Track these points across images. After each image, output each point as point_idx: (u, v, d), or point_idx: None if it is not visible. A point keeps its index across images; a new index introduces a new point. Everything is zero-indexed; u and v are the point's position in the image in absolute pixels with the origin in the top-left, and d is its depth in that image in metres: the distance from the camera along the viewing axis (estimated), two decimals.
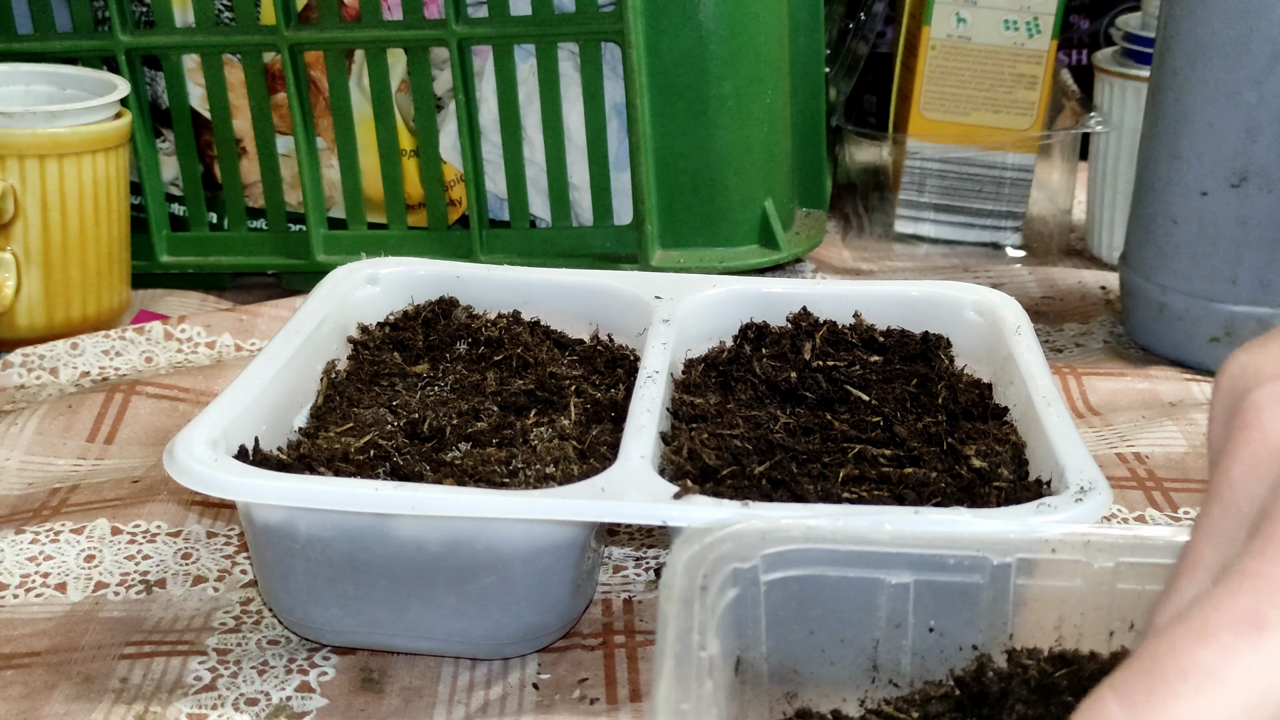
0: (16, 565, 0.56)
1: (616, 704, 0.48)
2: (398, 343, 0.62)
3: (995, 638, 0.41)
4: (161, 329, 0.78)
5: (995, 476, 0.52)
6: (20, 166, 0.75)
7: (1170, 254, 0.74)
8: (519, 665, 0.50)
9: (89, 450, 0.66)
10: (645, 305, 0.63)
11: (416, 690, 0.49)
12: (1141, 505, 0.61)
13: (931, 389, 0.58)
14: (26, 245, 0.76)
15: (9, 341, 0.78)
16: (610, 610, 0.54)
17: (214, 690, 0.49)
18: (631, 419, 0.52)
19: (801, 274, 0.90)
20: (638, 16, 0.79)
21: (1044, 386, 0.55)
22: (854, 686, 0.42)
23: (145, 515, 0.60)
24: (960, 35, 0.89)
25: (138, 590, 0.55)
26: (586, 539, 0.49)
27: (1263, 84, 0.69)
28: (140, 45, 0.84)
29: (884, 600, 0.40)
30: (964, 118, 0.91)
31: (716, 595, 0.37)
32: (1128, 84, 0.88)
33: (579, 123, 0.83)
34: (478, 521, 0.47)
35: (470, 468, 0.51)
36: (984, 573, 0.40)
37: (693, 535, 0.38)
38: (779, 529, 0.39)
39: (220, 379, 0.72)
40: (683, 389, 0.58)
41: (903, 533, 0.40)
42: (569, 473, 0.51)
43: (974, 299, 0.63)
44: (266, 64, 0.84)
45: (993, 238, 0.94)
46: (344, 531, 0.47)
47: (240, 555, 0.57)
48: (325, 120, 0.86)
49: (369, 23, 0.82)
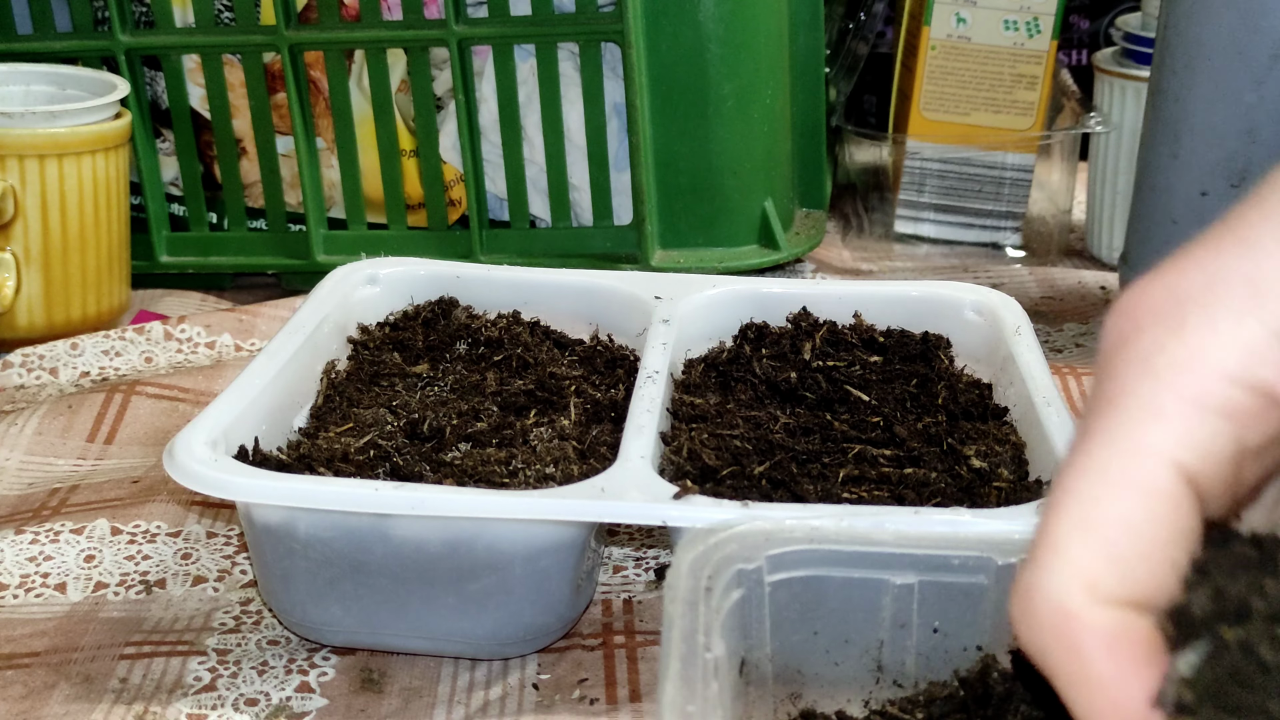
0: (16, 565, 0.56)
1: (616, 704, 0.48)
2: (398, 343, 0.62)
3: (1000, 638, 0.41)
4: (161, 329, 0.78)
5: (995, 476, 0.51)
6: (20, 166, 0.75)
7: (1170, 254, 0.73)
8: (519, 665, 0.50)
9: (89, 450, 0.66)
10: (645, 305, 0.63)
11: (416, 690, 0.49)
12: None
13: (931, 389, 0.58)
14: (26, 245, 0.76)
15: (9, 341, 0.78)
16: (610, 610, 0.54)
17: (214, 690, 0.49)
18: (631, 419, 0.52)
19: (801, 274, 0.90)
20: (638, 16, 0.79)
21: (1044, 386, 0.55)
22: (858, 687, 0.42)
23: (145, 515, 0.60)
24: (960, 35, 0.89)
25: (138, 590, 0.55)
26: (586, 539, 0.49)
27: (1263, 84, 0.69)
28: (140, 45, 0.84)
29: (888, 601, 0.40)
30: (964, 118, 0.91)
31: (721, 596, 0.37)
32: (1128, 84, 0.88)
33: (579, 123, 0.83)
34: (478, 522, 0.46)
35: (470, 468, 0.51)
36: (988, 573, 0.40)
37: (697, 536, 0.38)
38: (783, 530, 0.39)
39: (220, 379, 0.72)
40: (683, 389, 0.58)
41: (907, 533, 0.40)
42: (569, 473, 0.51)
43: (974, 299, 0.63)
44: (266, 64, 0.84)
45: (992, 238, 0.94)
46: (344, 531, 0.47)
47: (240, 555, 0.57)
48: (325, 120, 0.85)
49: (369, 23, 0.82)
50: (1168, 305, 0.30)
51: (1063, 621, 0.29)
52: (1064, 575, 0.29)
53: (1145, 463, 0.28)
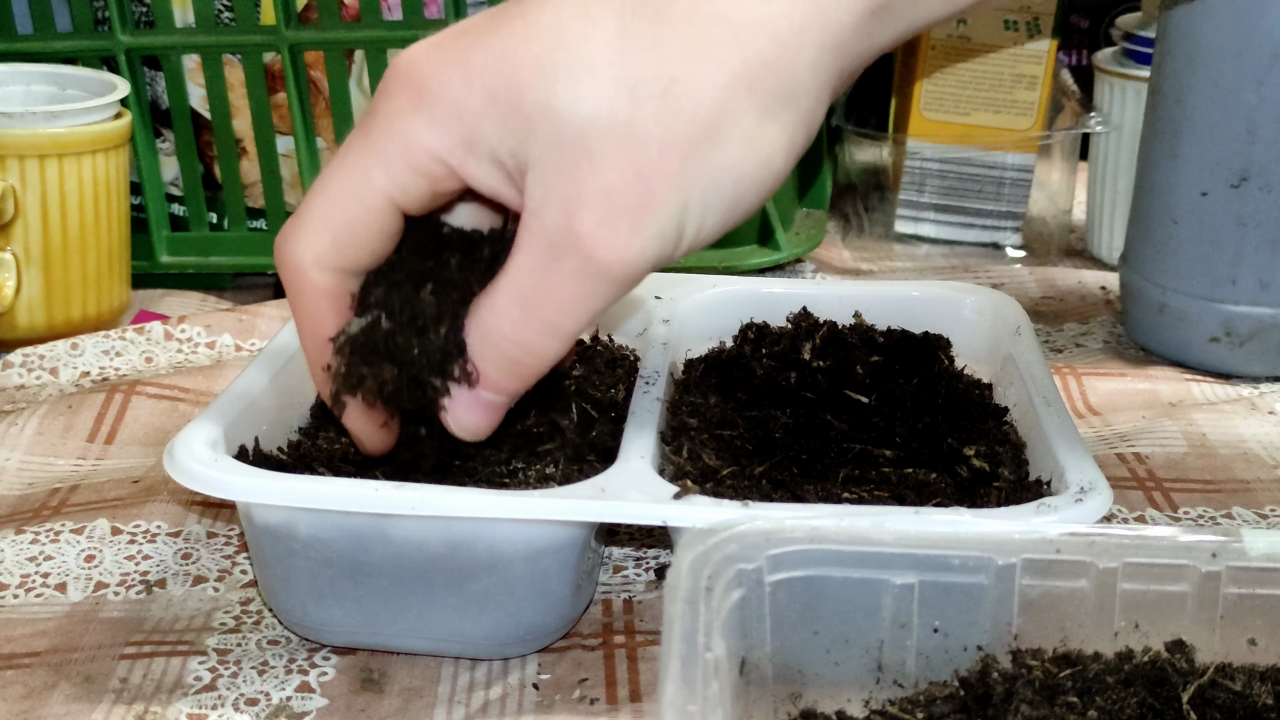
0: (16, 565, 0.56)
1: (616, 704, 0.48)
2: None
3: (999, 638, 0.41)
4: (161, 329, 0.78)
5: (995, 476, 0.52)
6: (20, 166, 0.75)
7: (1170, 254, 0.74)
8: (519, 665, 0.50)
9: (89, 450, 0.66)
10: (645, 305, 0.63)
11: (416, 690, 0.49)
12: (1141, 505, 0.61)
13: (931, 389, 0.58)
14: (26, 245, 0.76)
15: (9, 341, 0.78)
16: (610, 610, 0.54)
17: (214, 690, 0.49)
18: (631, 419, 0.52)
19: (801, 274, 0.90)
20: None
21: (1044, 386, 0.55)
22: (858, 687, 0.42)
23: (145, 515, 0.60)
24: (960, 35, 0.89)
25: (138, 590, 0.55)
26: (586, 539, 0.49)
27: (1263, 84, 0.69)
28: (140, 45, 0.84)
29: (889, 601, 0.40)
30: (964, 118, 0.91)
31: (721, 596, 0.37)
32: (1128, 84, 0.88)
33: None
34: (478, 522, 0.47)
35: (470, 468, 0.51)
36: (988, 573, 0.40)
37: (697, 536, 0.38)
38: (783, 530, 0.39)
39: (220, 379, 0.72)
40: (683, 389, 0.58)
41: (907, 533, 0.40)
42: (569, 473, 0.51)
43: (974, 299, 0.63)
44: (266, 64, 0.84)
45: (993, 238, 0.94)
46: (344, 531, 0.47)
47: (240, 555, 0.57)
48: (325, 120, 0.85)
49: (369, 23, 0.82)
50: (426, 83, 0.43)
51: (296, 274, 0.46)
52: (303, 244, 0.46)
53: (368, 189, 0.45)
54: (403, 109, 0.44)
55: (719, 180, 0.43)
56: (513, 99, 0.42)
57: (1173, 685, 0.39)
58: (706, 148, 0.42)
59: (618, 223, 0.42)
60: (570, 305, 0.44)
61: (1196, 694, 0.39)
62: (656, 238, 0.43)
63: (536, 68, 0.42)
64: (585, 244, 0.42)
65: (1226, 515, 0.60)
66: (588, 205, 0.42)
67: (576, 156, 0.42)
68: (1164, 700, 0.39)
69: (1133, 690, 0.39)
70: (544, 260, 0.43)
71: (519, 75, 0.42)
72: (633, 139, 0.42)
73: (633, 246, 0.42)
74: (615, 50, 0.42)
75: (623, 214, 0.42)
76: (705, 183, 0.43)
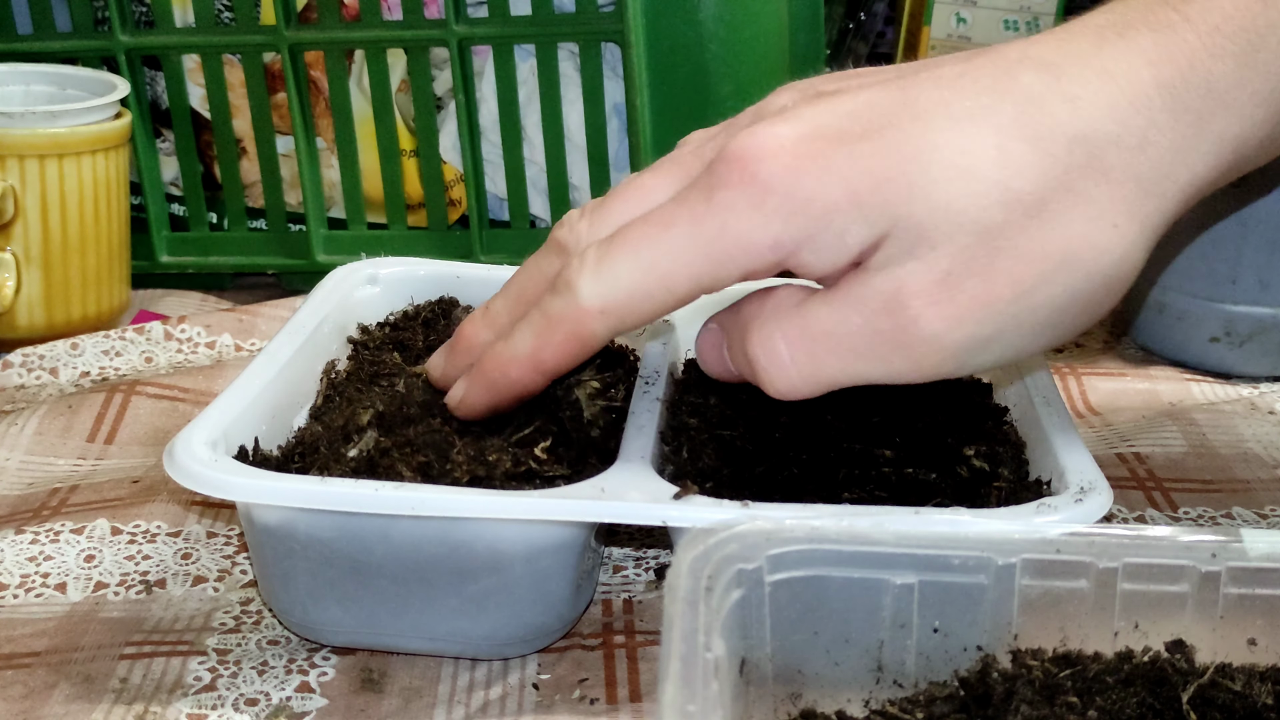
0: (16, 565, 0.56)
1: (616, 704, 0.48)
2: (398, 343, 0.62)
3: (999, 638, 0.41)
4: (161, 329, 0.78)
5: (995, 476, 0.51)
6: (20, 166, 0.75)
7: (1169, 254, 0.74)
8: (519, 665, 0.50)
9: (89, 450, 0.66)
10: None
11: (416, 690, 0.49)
12: (1141, 505, 0.61)
13: (932, 388, 0.58)
14: (26, 245, 0.76)
15: (9, 341, 0.78)
16: (610, 610, 0.54)
17: (214, 690, 0.49)
18: (631, 419, 0.52)
19: None
20: (638, 16, 0.79)
21: (1044, 386, 0.55)
22: (858, 687, 0.42)
23: (145, 515, 0.60)
24: (960, 35, 0.89)
25: (138, 590, 0.55)
26: (586, 539, 0.49)
27: None
28: (140, 45, 0.84)
29: (888, 601, 0.40)
30: None
31: (721, 596, 0.37)
32: None
33: (579, 123, 0.83)
34: (478, 522, 0.47)
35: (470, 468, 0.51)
36: (988, 573, 0.40)
37: (697, 536, 0.38)
38: (783, 530, 0.39)
39: (220, 379, 0.72)
40: (683, 389, 0.58)
41: (907, 533, 0.40)
42: (569, 473, 0.51)
43: None
44: (266, 64, 0.84)
45: None
46: (344, 532, 0.47)
47: (240, 555, 0.57)
48: (325, 120, 0.85)
49: (369, 23, 0.82)
50: (772, 182, 0.44)
51: (578, 311, 0.47)
52: (599, 295, 0.46)
53: (683, 277, 0.46)
54: (739, 203, 0.44)
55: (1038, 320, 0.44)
56: (879, 190, 0.43)
57: (1173, 685, 0.39)
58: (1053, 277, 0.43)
59: (946, 306, 0.43)
60: (849, 360, 0.45)
61: (1196, 694, 0.39)
62: (970, 340, 0.44)
63: (913, 165, 0.43)
64: (909, 313, 0.43)
65: (1226, 515, 0.60)
66: (927, 285, 0.43)
67: (931, 242, 0.43)
68: (1164, 700, 0.39)
69: (1133, 690, 0.39)
70: (853, 311, 0.44)
71: (888, 173, 0.43)
72: (995, 249, 0.43)
73: (954, 335, 0.43)
74: (993, 161, 0.43)
75: (955, 303, 0.43)
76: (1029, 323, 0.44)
